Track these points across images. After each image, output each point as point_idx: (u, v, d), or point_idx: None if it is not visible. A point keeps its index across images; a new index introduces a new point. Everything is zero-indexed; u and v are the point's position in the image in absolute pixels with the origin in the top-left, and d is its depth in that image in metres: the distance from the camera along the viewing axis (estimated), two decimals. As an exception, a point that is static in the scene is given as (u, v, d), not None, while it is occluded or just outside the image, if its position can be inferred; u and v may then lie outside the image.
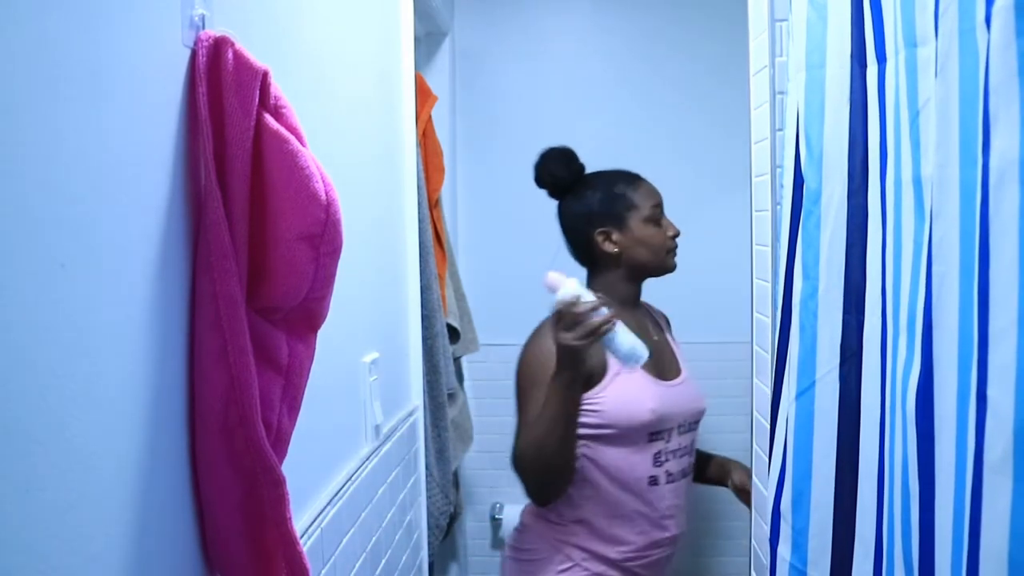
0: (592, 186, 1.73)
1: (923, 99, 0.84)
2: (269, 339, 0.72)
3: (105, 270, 0.58)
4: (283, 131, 0.68)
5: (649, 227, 1.69)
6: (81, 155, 0.55)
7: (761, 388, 1.35)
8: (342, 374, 1.17)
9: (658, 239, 1.69)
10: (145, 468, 0.62)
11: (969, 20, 0.70)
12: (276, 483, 0.70)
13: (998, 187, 0.65)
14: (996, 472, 0.65)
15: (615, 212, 1.70)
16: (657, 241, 1.69)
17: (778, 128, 1.27)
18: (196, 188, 0.70)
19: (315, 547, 0.99)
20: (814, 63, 1.07)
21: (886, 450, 0.92)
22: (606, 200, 1.71)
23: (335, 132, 1.13)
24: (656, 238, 1.69)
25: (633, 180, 1.74)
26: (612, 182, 1.73)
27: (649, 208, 1.69)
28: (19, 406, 0.48)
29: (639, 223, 1.68)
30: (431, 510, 1.76)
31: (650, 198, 1.71)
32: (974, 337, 0.68)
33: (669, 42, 2.56)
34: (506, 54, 2.60)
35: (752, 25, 1.38)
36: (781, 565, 1.12)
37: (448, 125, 2.48)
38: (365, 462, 1.25)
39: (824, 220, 1.05)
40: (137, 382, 0.61)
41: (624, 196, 1.70)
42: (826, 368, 1.04)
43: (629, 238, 1.68)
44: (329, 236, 0.71)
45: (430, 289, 1.77)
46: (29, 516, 0.49)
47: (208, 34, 0.68)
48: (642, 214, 1.69)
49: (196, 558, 0.71)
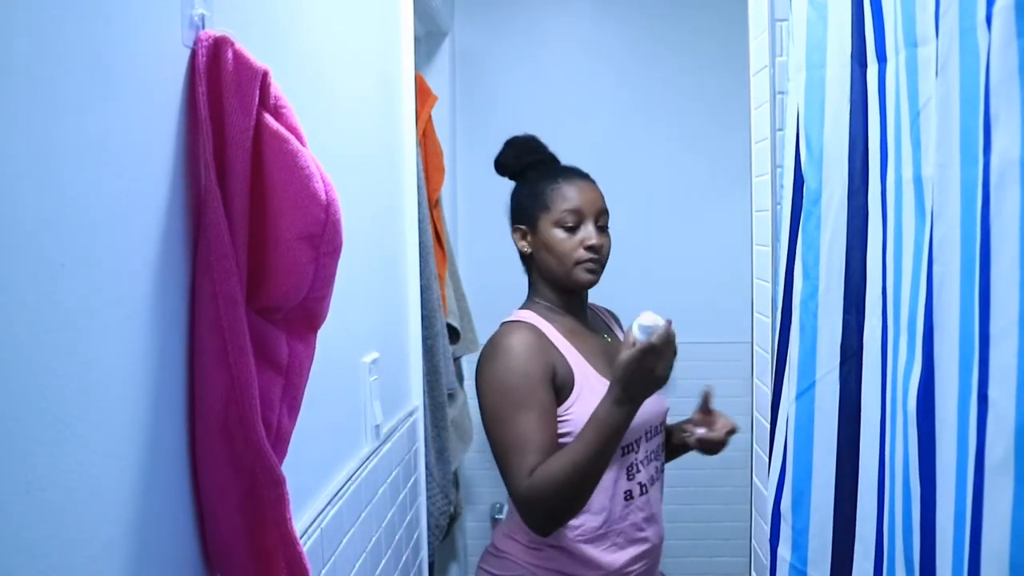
0: (530, 179, 1.61)
1: (924, 99, 0.84)
2: (269, 339, 0.72)
3: (105, 270, 0.57)
4: (283, 131, 0.68)
5: (557, 232, 1.53)
6: (81, 155, 0.55)
7: (761, 388, 1.35)
8: (342, 374, 1.17)
9: (565, 247, 1.52)
10: (145, 468, 0.62)
11: (970, 20, 0.70)
12: (276, 483, 0.70)
13: (999, 187, 0.65)
14: (997, 472, 0.65)
15: (527, 211, 1.57)
16: (563, 248, 1.52)
17: (778, 128, 1.27)
18: (196, 188, 0.70)
19: (315, 547, 0.99)
20: (814, 63, 1.07)
21: (886, 450, 0.92)
22: (529, 196, 1.58)
23: (335, 132, 1.13)
24: (562, 245, 1.52)
25: (559, 178, 1.57)
26: (542, 178, 1.59)
27: (560, 212, 1.52)
28: (19, 406, 0.48)
29: (547, 226, 1.53)
30: (431, 510, 1.76)
31: (566, 202, 1.53)
32: (975, 337, 0.68)
33: (669, 42, 2.56)
34: (506, 54, 2.60)
35: (752, 25, 1.38)
36: (781, 565, 1.12)
37: (448, 125, 2.48)
38: (365, 462, 1.25)
39: (824, 220, 1.05)
40: (137, 382, 0.61)
41: (541, 194, 1.56)
42: (826, 368, 1.04)
43: (539, 240, 1.55)
44: (329, 236, 0.71)
45: (430, 289, 1.77)
46: (29, 516, 0.49)
47: (208, 34, 0.68)
48: (552, 217, 1.53)
49: (196, 558, 0.71)
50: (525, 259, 1.61)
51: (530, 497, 1.36)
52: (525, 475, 1.36)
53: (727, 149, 2.42)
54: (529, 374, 1.42)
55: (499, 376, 1.44)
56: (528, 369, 1.43)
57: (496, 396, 1.43)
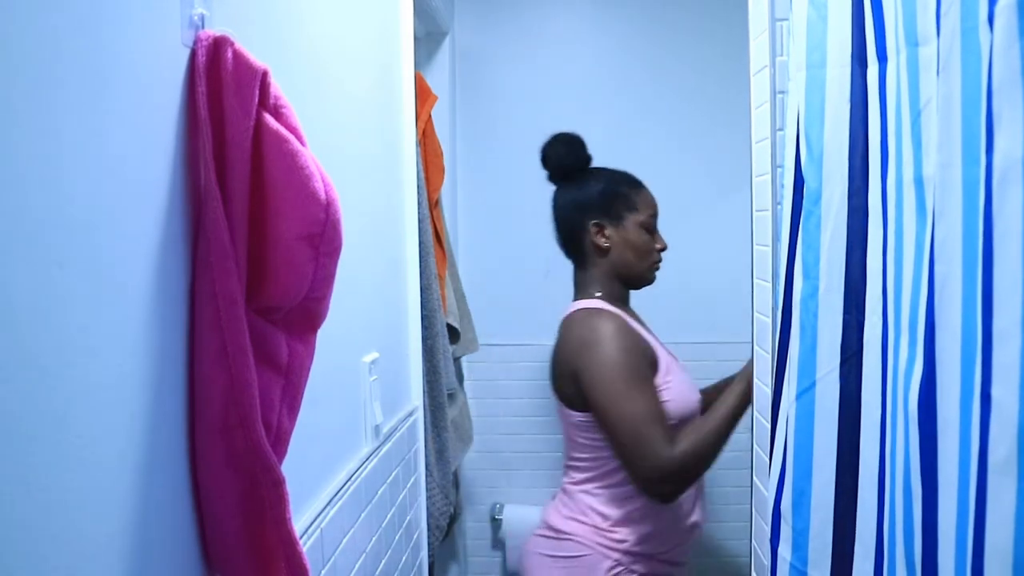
0: (596, 178, 1.77)
1: (925, 99, 0.84)
2: (269, 339, 0.71)
3: (105, 270, 0.57)
4: (283, 131, 0.68)
5: (643, 233, 1.72)
6: (80, 155, 0.55)
7: (761, 388, 1.35)
8: (342, 374, 1.17)
9: (648, 247, 1.73)
10: (145, 468, 0.62)
11: (971, 19, 0.70)
12: (276, 483, 0.70)
13: (1001, 186, 0.65)
14: (1000, 472, 0.64)
15: (614, 208, 1.73)
16: (646, 249, 1.73)
17: (778, 128, 1.27)
18: (196, 188, 0.70)
19: (315, 547, 0.99)
20: (814, 62, 1.06)
21: (887, 451, 0.92)
22: (607, 194, 1.73)
23: (335, 132, 1.13)
24: (646, 245, 1.73)
25: (637, 184, 1.77)
26: (616, 179, 1.76)
27: (646, 215, 1.73)
28: (19, 405, 0.48)
29: (634, 226, 1.72)
30: (431, 510, 1.75)
31: (649, 207, 1.75)
32: (977, 337, 0.68)
33: (669, 41, 2.56)
34: (506, 54, 2.60)
35: (752, 25, 1.38)
36: (781, 565, 1.12)
37: (448, 125, 2.48)
38: (365, 462, 1.25)
39: (824, 220, 1.04)
40: (137, 382, 0.61)
41: (627, 195, 1.73)
42: (827, 368, 1.04)
43: (621, 236, 1.72)
44: (329, 236, 0.71)
45: (430, 289, 1.77)
46: (29, 516, 0.49)
47: (208, 34, 0.68)
48: (639, 218, 1.72)
49: (196, 558, 0.71)
50: (586, 253, 1.76)
51: (684, 462, 1.52)
52: (666, 443, 1.52)
53: (727, 149, 2.42)
54: (634, 352, 1.58)
55: (609, 358, 1.56)
56: (631, 347, 1.58)
57: (612, 376, 1.55)
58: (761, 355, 1.36)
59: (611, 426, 1.56)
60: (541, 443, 2.64)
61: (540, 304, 2.60)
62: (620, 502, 1.63)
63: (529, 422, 2.63)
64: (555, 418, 2.62)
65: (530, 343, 2.60)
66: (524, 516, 2.56)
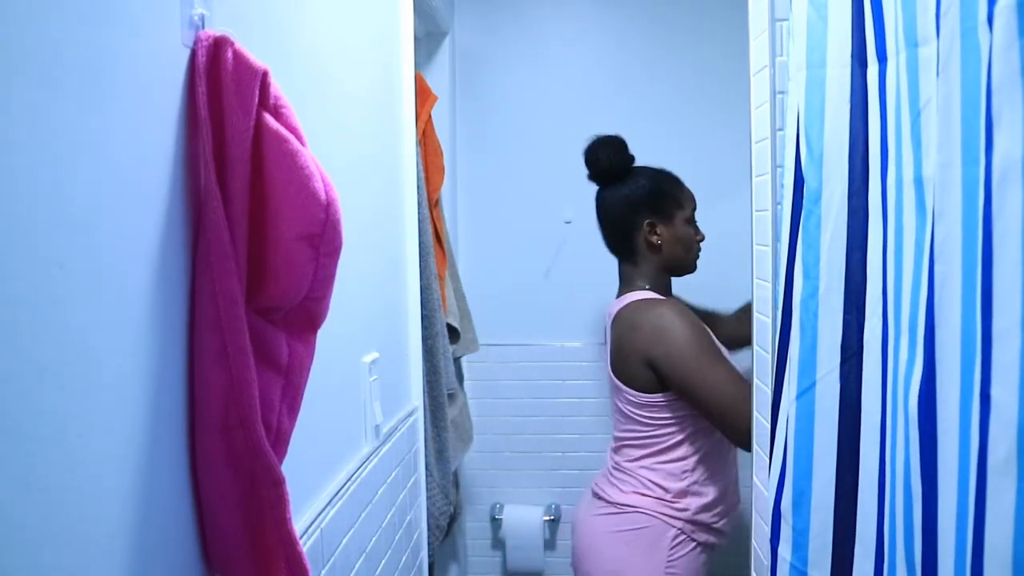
0: (643, 177, 1.88)
1: (924, 99, 0.84)
2: (269, 339, 0.71)
3: (105, 270, 0.57)
4: (283, 131, 0.68)
5: (688, 228, 1.86)
6: (80, 155, 0.55)
7: (761, 388, 1.35)
8: (342, 374, 1.17)
9: (692, 240, 1.88)
10: (145, 468, 0.62)
11: (971, 19, 0.70)
12: (276, 483, 0.70)
13: (1001, 187, 0.65)
14: (1000, 473, 0.64)
15: (663, 207, 1.85)
16: (692, 242, 1.88)
17: (778, 128, 1.27)
18: (196, 188, 0.70)
19: (315, 547, 0.99)
20: (814, 62, 1.06)
21: (887, 451, 0.92)
22: (657, 194, 1.85)
23: (335, 132, 1.13)
24: (692, 239, 1.87)
25: (679, 181, 1.89)
26: (661, 179, 1.88)
27: (690, 211, 1.87)
28: (19, 406, 0.48)
29: (682, 222, 1.85)
30: (431, 510, 1.76)
31: (691, 202, 1.89)
32: (977, 337, 0.68)
33: (669, 41, 2.56)
34: (506, 54, 2.59)
35: (752, 25, 1.38)
36: (781, 565, 1.12)
37: (448, 125, 2.48)
38: (365, 462, 1.25)
39: (824, 220, 1.04)
40: (137, 382, 0.61)
41: (673, 195, 1.86)
42: (827, 368, 1.04)
43: (671, 234, 1.85)
44: (329, 236, 0.71)
45: (430, 289, 1.76)
46: (29, 516, 0.49)
47: (208, 34, 0.68)
48: (685, 215, 1.86)
49: (196, 558, 0.71)
50: (637, 250, 1.87)
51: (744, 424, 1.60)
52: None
53: (727, 149, 2.42)
54: (700, 329, 1.73)
55: (685, 339, 1.71)
56: (697, 324, 1.74)
57: (693, 354, 1.70)
58: (761, 355, 1.36)
59: (704, 396, 1.69)
60: (541, 443, 2.64)
61: (540, 304, 2.60)
62: (678, 476, 1.76)
63: (529, 422, 2.63)
64: (555, 418, 2.62)
65: (530, 343, 2.60)
66: (524, 516, 2.56)
